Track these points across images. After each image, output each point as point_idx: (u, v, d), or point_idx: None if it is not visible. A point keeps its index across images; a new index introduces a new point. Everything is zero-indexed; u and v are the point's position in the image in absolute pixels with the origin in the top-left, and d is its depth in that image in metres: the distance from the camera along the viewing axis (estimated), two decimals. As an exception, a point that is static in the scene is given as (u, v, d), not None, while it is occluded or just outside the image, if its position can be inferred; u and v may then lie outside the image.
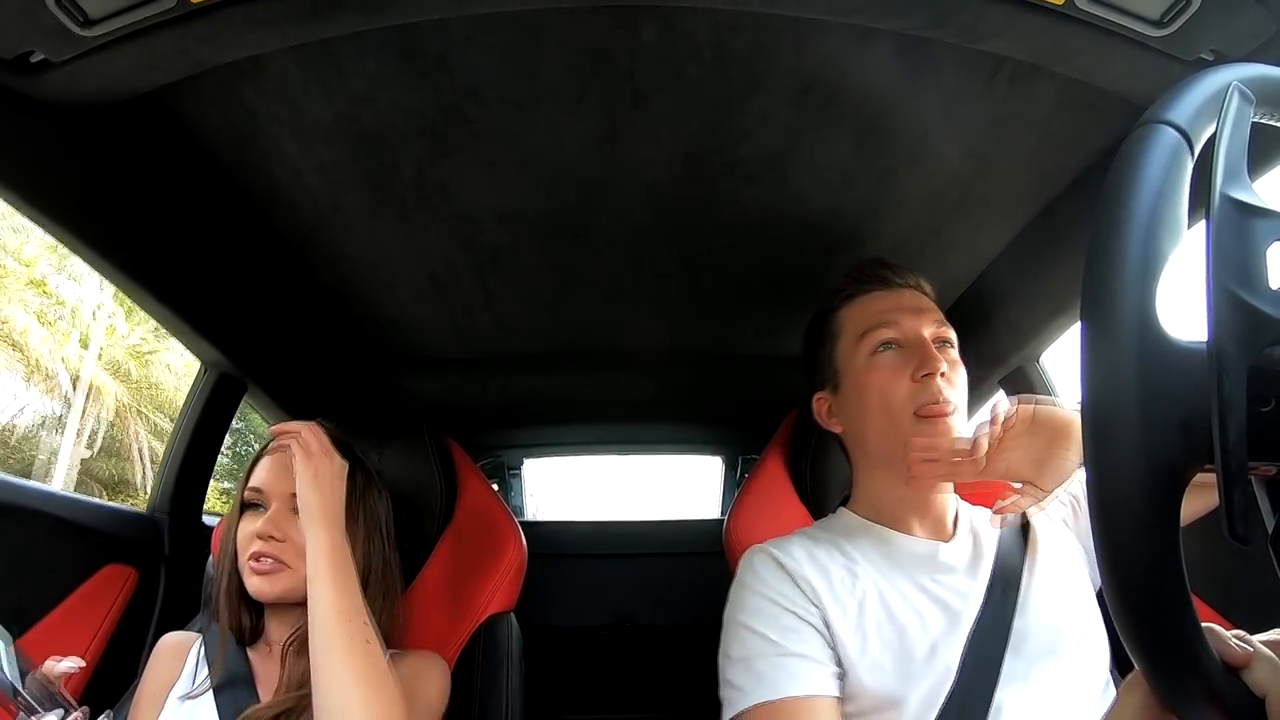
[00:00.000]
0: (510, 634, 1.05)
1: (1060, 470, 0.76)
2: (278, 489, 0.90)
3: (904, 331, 0.86)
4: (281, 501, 0.90)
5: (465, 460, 1.22)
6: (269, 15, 0.69)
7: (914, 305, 0.89)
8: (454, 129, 0.89)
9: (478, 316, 1.35)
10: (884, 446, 0.86)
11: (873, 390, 0.86)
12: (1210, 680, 0.35)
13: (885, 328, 0.87)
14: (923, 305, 0.90)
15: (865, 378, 0.87)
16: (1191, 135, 0.37)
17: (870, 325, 0.88)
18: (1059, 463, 0.76)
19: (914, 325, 0.86)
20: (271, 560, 0.87)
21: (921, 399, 0.82)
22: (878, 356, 0.86)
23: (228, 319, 1.25)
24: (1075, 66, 0.76)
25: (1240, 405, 0.32)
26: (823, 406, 0.95)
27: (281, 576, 0.87)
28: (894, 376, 0.84)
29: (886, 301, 0.89)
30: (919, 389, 0.82)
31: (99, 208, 0.93)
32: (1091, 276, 0.36)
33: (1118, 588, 0.34)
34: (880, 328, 0.87)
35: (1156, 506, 0.33)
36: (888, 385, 0.84)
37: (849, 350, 0.90)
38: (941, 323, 0.88)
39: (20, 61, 0.71)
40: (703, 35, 0.77)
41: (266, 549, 0.87)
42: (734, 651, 0.80)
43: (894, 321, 0.87)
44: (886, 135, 0.92)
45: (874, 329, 0.87)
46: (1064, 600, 0.82)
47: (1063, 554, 0.86)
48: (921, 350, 0.84)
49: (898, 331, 0.86)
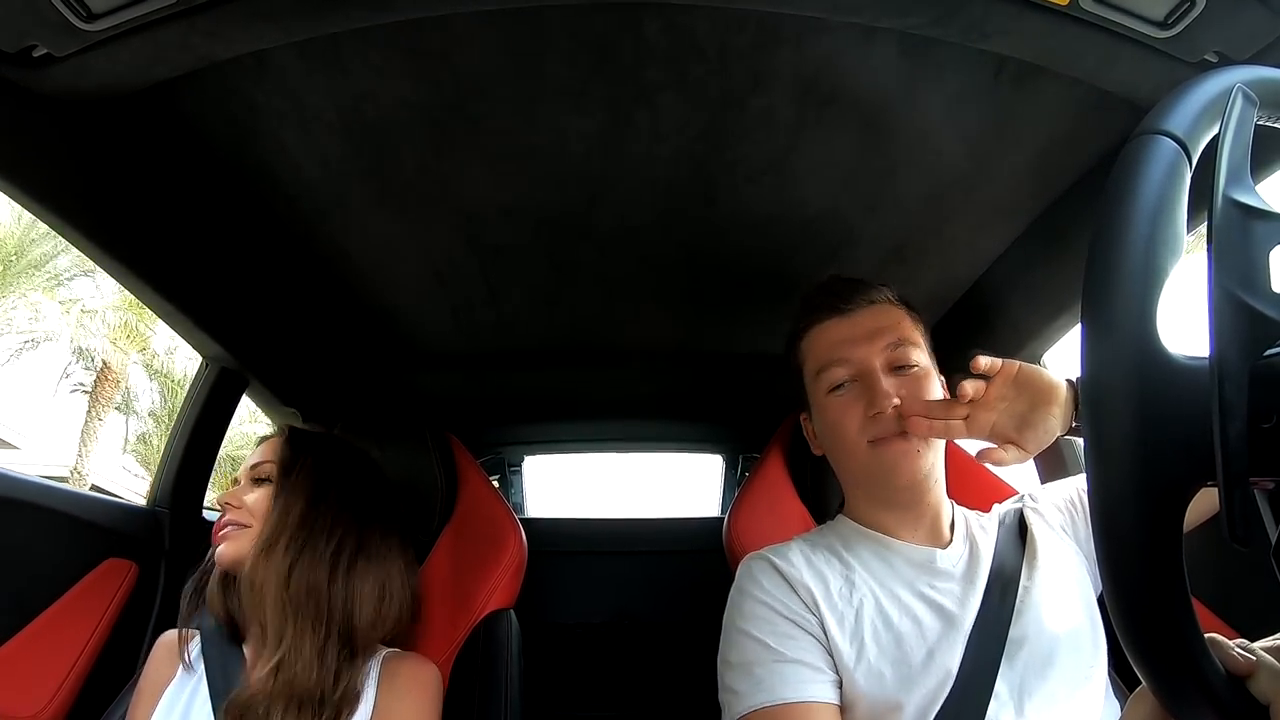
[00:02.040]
0: (510, 630, 1.05)
1: (1044, 430, 0.77)
2: (246, 467, 1.00)
3: (855, 367, 0.85)
4: (245, 475, 0.99)
5: (466, 457, 1.22)
6: (272, 10, 0.69)
7: (866, 332, 0.87)
8: (457, 125, 0.89)
9: (479, 313, 1.35)
10: (851, 475, 0.89)
11: (831, 426, 0.87)
12: (1214, 690, 0.35)
13: (837, 366, 0.87)
14: (877, 327, 0.87)
15: (825, 414, 0.88)
16: (1189, 144, 0.37)
17: (823, 364, 0.88)
18: (1042, 423, 0.77)
19: (864, 357, 0.85)
20: (231, 526, 0.94)
21: (874, 432, 0.83)
22: (832, 396, 0.87)
23: (229, 314, 1.25)
24: (1078, 67, 0.76)
25: (1242, 408, 0.32)
26: (807, 428, 0.97)
27: (239, 538, 0.94)
28: (848, 414, 0.85)
29: (839, 331, 0.89)
30: (872, 423, 0.83)
31: (101, 202, 0.93)
32: (1091, 294, 0.36)
33: (1121, 600, 0.34)
34: (832, 367, 0.87)
35: (1158, 522, 0.33)
36: (842, 422, 0.85)
37: (811, 384, 0.91)
38: (898, 342, 0.86)
39: (23, 56, 0.71)
40: (705, 33, 0.77)
41: (227, 516, 0.95)
42: (732, 657, 0.80)
43: (844, 359, 0.86)
44: (889, 134, 0.92)
45: (827, 368, 0.87)
46: (1062, 606, 0.81)
47: (1061, 560, 0.86)
48: (872, 388, 0.83)
49: (848, 370, 0.86)
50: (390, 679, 0.89)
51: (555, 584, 1.75)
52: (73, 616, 1.07)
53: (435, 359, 1.53)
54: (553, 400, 1.79)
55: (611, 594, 1.82)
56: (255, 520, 0.94)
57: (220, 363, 1.34)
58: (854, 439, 0.84)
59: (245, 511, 0.96)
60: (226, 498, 0.97)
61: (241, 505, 0.96)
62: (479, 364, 1.56)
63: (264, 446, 1.02)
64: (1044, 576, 0.83)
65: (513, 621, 1.07)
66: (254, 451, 1.03)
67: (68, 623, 1.07)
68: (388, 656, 0.92)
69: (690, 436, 2.18)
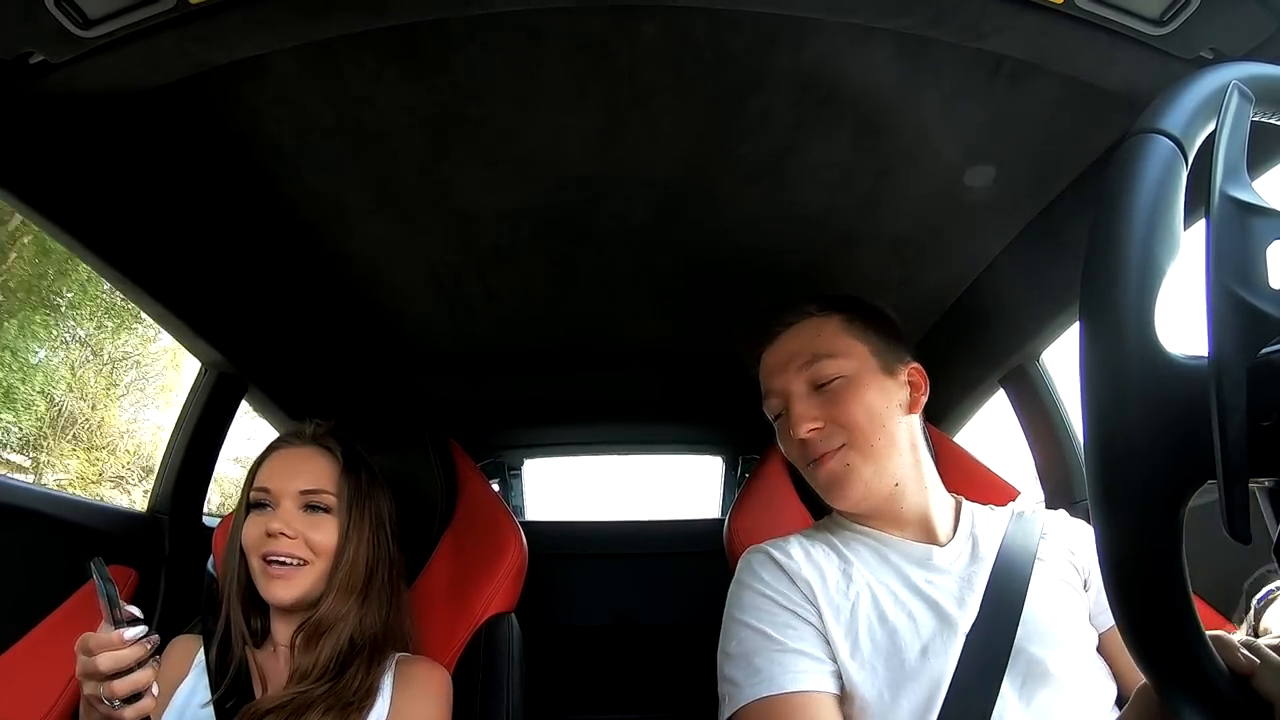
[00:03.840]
0: (511, 634, 1.05)
1: None
2: (286, 487, 0.91)
3: (781, 396, 0.89)
4: (291, 499, 0.90)
5: (466, 460, 1.22)
6: (268, 16, 0.69)
7: (785, 357, 0.89)
8: (454, 128, 0.89)
9: (478, 316, 1.35)
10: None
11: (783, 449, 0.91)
12: (1217, 689, 0.35)
13: (770, 397, 0.90)
14: (793, 351, 0.88)
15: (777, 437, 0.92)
16: (1185, 142, 0.37)
17: (763, 393, 0.92)
18: None
19: (784, 385, 0.88)
20: (287, 559, 0.87)
21: (806, 454, 0.86)
22: (777, 424, 0.91)
23: (228, 319, 1.25)
24: (1075, 65, 0.76)
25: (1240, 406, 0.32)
26: None
27: (300, 577, 0.88)
28: (787, 442, 0.89)
29: (770, 359, 0.91)
30: (800, 448, 0.86)
31: (99, 209, 0.93)
32: (1089, 294, 0.36)
33: (1122, 599, 0.34)
34: (768, 397, 0.91)
35: (1158, 521, 0.33)
36: (788, 450, 0.90)
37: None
38: (814, 357, 0.86)
39: (20, 63, 0.71)
40: (702, 34, 0.77)
41: (278, 547, 0.88)
42: (732, 648, 0.80)
43: (772, 389, 0.90)
44: (886, 134, 0.92)
45: (765, 398, 0.92)
46: (1070, 618, 0.80)
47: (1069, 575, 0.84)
48: (791, 412, 0.86)
49: (778, 400, 0.89)
50: (405, 682, 0.90)
51: (556, 587, 1.75)
52: (73, 624, 1.07)
53: (434, 362, 1.53)
54: (552, 402, 1.79)
55: (612, 596, 1.82)
56: (318, 556, 0.89)
57: (219, 368, 1.34)
58: (799, 462, 0.88)
59: (302, 544, 0.88)
60: (278, 527, 0.88)
61: (297, 536, 0.88)
62: (478, 367, 1.56)
63: (315, 470, 0.93)
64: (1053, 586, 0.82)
65: (513, 625, 1.07)
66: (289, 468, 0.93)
67: (68, 630, 1.06)
68: (401, 660, 0.93)
69: (690, 438, 2.18)
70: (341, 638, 0.88)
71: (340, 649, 0.87)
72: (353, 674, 0.86)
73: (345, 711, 0.83)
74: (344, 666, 0.87)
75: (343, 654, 0.87)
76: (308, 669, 0.85)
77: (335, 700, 0.84)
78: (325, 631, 0.87)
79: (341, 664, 0.87)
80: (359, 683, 0.86)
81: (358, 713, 0.84)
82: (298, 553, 0.88)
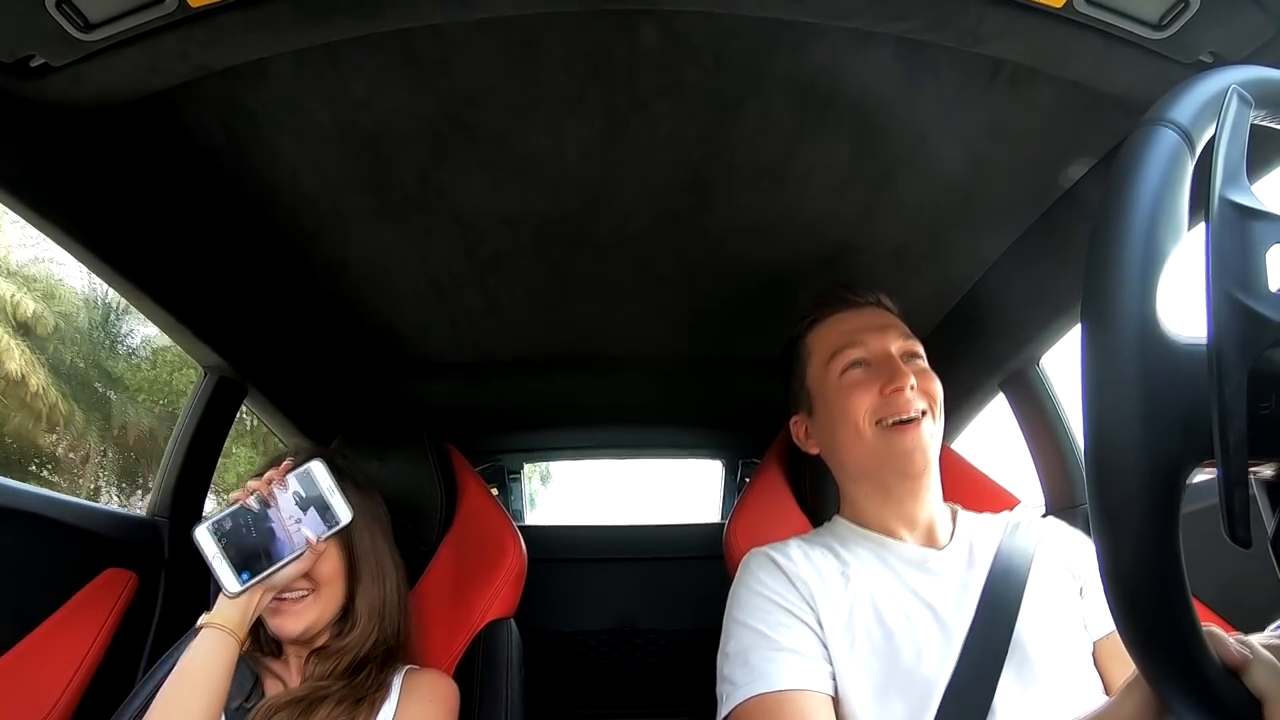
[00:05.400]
0: (510, 640, 1.05)
1: None
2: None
3: (870, 349, 0.89)
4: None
5: (465, 466, 1.22)
6: (269, 19, 0.69)
7: (878, 323, 0.91)
8: (454, 133, 0.89)
9: (478, 321, 1.35)
10: (857, 460, 0.89)
11: (842, 407, 0.88)
12: (1209, 682, 0.35)
13: (852, 348, 0.90)
14: (886, 322, 0.92)
15: (835, 396, 0.89)
16: (1193, 135, 0.37)
17: (837, 346, 0.91)
18: None
19: (879, 342, 0.89)
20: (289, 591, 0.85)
21: (887, 411, 0.85)
22: (846, 375, 0.89)
23: (228, 323, 1.25)
24: (1074, 69, 0.76)
25: (1241, 409, 0.32)
26: (800, 429, 0.98)
27: (304, 608, 0.86)
28: (863, 392, 0.87)
29: (851, 322, 0.92)
30: (886, 402, 0.85)
31: (99, 212, 0.93)
32: (1093, 275, 0.36)
33: (1117, 587, 0.34)
34: (847, 348, 0.90)
35: (1157, 506, 0.33)
36: (856, 400, 0.87)
37: (819, 373, 0.93)
38: (907, 336, 0.91)
39: (20, 66, 0.71)
40: (701, 39, 0.77)
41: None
42: (730, 648, 0.81)
43: (860, 341, 0.89)
44: (885, 139, 0.92)
45: (841, 350, 0.90)
46: (1065, 625, 0.80)
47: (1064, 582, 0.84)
48: (889, 366, 0.86)
49: (864, 350, 0.89)
50: (411, 691, 0.90)
51: (555, 592, 1.75)
52: (72, 627, 1.07)
53: (434, 367, 1.53)
54: (552, 407, 1.78)
55: (612, 601, 1.81)
56: (322, 585, 0.87)
57: (219, 372, 1.34)
58: (866, 417, 0.86)
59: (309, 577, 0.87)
60: None
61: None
62: (478, 372, 1.55)
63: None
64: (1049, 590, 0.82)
65: (513, 630, 1.06)
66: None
67: (67, 633, 1.06)
68: (409, 671, 0.93)
69: (690, 442, 2.18)
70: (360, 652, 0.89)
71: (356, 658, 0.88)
72: (367, 674, 0.87)
73: (358, 706, 0.84)
74: (358, 669, 0.88)
75: (357, 660, 0.88)
76: (324, 674, 0.86)
77: (350, 693, 0.84)
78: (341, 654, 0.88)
79: (356, 667, 0.88)
80: (373, 679, 0.87)
81: (369, 708, 0.84)
82: (300, 585, 0.86)
